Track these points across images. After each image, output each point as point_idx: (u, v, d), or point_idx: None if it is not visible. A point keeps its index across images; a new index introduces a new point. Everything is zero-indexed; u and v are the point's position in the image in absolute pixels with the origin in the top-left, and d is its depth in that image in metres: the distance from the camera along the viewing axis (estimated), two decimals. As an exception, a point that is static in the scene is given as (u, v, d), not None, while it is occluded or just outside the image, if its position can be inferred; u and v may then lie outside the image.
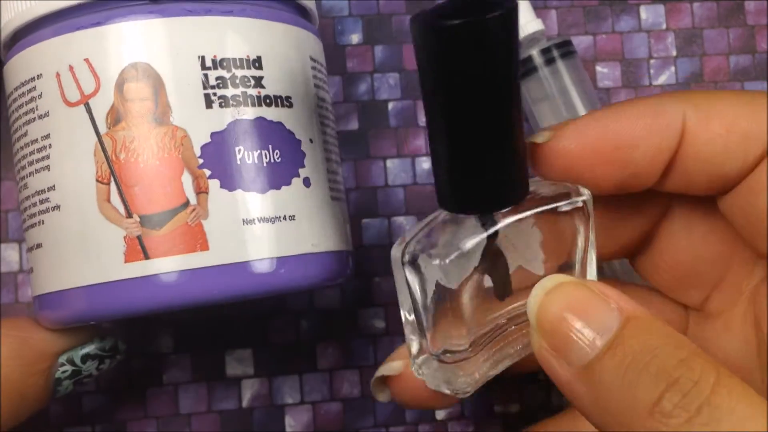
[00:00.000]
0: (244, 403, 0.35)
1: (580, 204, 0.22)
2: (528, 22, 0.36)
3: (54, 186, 0.25)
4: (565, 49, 0.36)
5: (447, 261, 0.21)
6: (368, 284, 0.36)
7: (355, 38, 0.37)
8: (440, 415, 0.36)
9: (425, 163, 0.37)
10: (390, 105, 0.37)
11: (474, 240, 0.21)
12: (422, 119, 0.37)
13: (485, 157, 0.20)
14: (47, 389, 0.27)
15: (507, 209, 0.21)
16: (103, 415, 0.34)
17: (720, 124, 0.22)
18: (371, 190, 0.36)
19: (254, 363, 0.35)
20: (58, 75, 0.24)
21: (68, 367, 0.27)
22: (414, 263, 0.22)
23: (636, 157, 0.22)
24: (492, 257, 0.22)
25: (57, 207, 0.24)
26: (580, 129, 0.23)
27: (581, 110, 0.35)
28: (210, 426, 0.35)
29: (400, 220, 0.36)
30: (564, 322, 0.20)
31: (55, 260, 0.25)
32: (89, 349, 0.27)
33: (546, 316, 0.20)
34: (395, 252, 0.22)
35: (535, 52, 0.35)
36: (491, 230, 0.21)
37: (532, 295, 0.21)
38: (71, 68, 0.24)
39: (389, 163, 0.37)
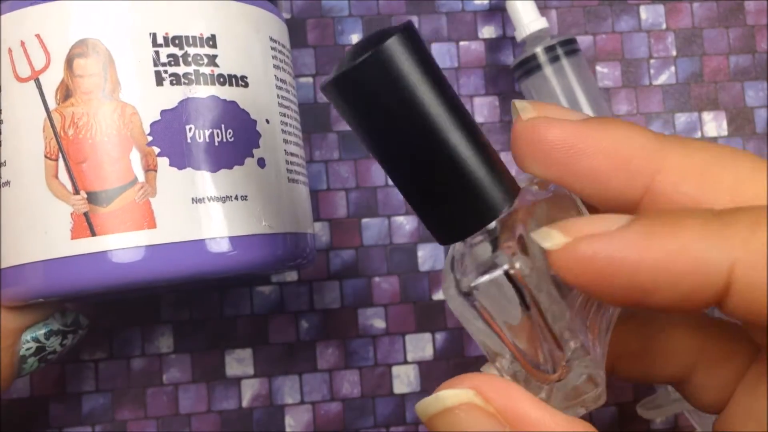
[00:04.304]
0: (244, 403, 0.34)
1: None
2: (532, 21, 0.35)
3: (5, 162, 0.24)
4: (570, 47, 0.35)
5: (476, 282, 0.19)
6: (368, 284, 0.35)
7: (355, 38, 0.36)
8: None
9: (425, 163, 0.36)
10: (390, 105, 0.36)
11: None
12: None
13: (450, 179, 0.18)
14: (12, 367, 0.26)
15: (502, 215, 0.19)
16: (103, 415, 0.33)
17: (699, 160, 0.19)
18: (371, 190, 0.35)
19: (254, 363, 0.34)
20: (10, 50, 0.24)
21: (32, 344, 0.26)
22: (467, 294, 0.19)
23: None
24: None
25: (7, 183, 0.24)
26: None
27: (585, 108, 0.35)
28: (210, 426, 0.34)
29: (400, 219, 0.36)
30: None
31: (7, 236, 0.24)
32: (52, 325, 0.26)
33: None
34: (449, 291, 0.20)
35: (539, 50, 0.34)
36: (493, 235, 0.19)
37: (419, 407, 0.19)
38: (23, 44, 0.23)
39: (389, 163, 0.36)
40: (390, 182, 0.35)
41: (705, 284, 0.16)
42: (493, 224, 0.19)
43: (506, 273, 0.18)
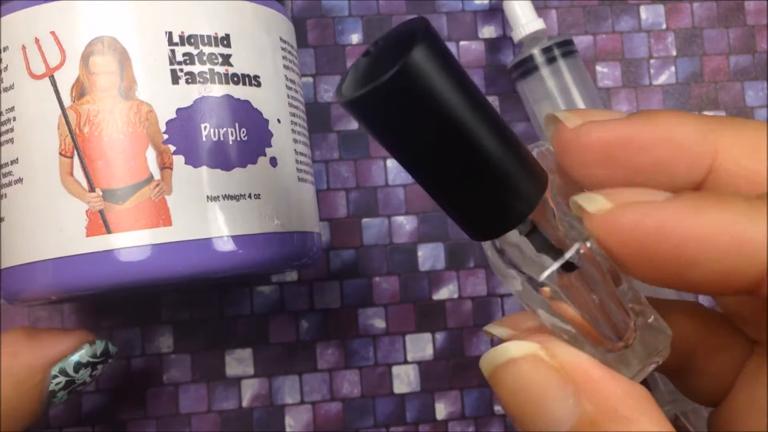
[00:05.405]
0: (244, 403, 0.34)
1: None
2: (529, 22, 0.34)
3: (17, 159, 0.24)
4: (567, 48, 0.35)
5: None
6: (368, 284, 0.35)
7: (355, 38, 0.36)
8: (440, 415, 0.35)
9: (425, 163, 0.36)
10: (390, 105, 0.36)
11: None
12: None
13: (486, 180, 0.17)
14: (41, 403, 0.25)
15: (539, 203, 0.18)
16: (103, 415, 0.33)
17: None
18: (371, 190, 0.35)
19: (254, 363, 0.34)
20: (24, 47, 0.23)
21: (61, 378, 0.25)
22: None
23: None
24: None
25: (20, 180, 0.24)
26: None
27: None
28: (210, 426, 0.33)
29: (400, 219, 0.35)
30: (518, 405, 0.17)
31: (19, 234, 0.24)
32: (80, 357, 0.25)
33: (498, 390, 0.18)
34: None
35: (536, 51, 0.34)
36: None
37: (484, 359, 0.18)
38: (37, 41, 0.23)
39: (389, 163, 0.35)
40: (390, 182, 0.35)
41: (746, 264, 0.16)
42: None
43: (577, 252, 0.18)
